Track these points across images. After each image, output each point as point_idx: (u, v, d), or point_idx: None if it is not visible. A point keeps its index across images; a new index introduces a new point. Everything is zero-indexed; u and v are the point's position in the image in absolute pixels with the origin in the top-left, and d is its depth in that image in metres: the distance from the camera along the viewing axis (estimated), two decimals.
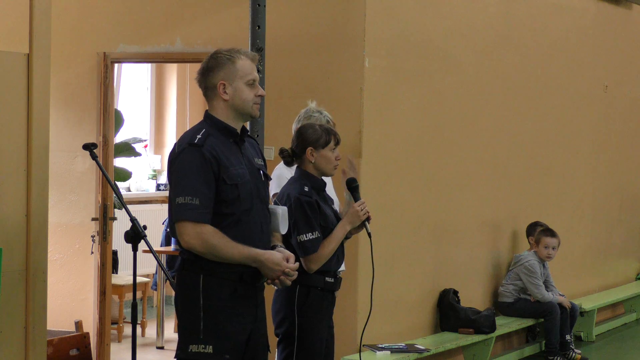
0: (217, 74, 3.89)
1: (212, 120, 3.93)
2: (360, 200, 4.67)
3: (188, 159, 3.81)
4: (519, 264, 8.02)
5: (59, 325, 6.71)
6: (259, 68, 5.35)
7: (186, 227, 3.76)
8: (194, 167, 3.79)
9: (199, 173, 3.78)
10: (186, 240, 3.77)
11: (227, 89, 3.89)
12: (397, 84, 6.85)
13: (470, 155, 7.71)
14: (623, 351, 8.75)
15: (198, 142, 3.82)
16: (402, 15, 6.89)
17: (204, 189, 3.77)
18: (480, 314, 7.28)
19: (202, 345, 3.79)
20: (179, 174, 3.81)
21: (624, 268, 10.55)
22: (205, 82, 3.94)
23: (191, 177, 3.78)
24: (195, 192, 3.76)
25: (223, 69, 3.89)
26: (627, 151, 10.46)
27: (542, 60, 8.70)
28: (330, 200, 4.82)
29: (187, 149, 3.82)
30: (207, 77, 3.92)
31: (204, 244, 3.76)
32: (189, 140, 3.85)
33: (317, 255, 4.54)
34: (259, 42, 5.39)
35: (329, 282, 4.61)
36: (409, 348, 6.53)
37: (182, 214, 3.76)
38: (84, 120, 7.13)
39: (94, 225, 7.01)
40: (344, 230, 4.63)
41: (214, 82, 3.90)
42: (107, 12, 7.18)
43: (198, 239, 3.75)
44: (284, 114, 6.05)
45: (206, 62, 3.95)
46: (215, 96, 3.92)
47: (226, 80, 3.89)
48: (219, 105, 3.92)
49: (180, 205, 3.76)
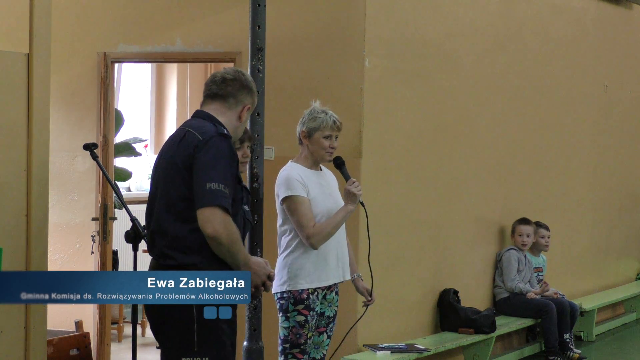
0: (250, 97, 4.01)
1: (217, 122, 3.92)
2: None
3: (222, 146, 3.77)
4: (499, 259, 8.10)
5: (59, 325, 6.70)
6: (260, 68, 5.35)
7: (217, 214, 3.68)
8: (226, 156, 3.76)
9: (230, 164, 3.77)
10: (215, 227, 3.68)
11: (246, 114, 4.01)
12: (397, 84, 6.85)
13: (471, 155, 7.71)
14: (623, 351, 8.74)
15: (228, 134, 3.83)
16: (402, 15, 6.89)
17: (232, 180, 3.76)
18: (481, 314, 7.28)
19: (197, 357, 3.75)
20: (212, 159, 3.75)
21: (624, 268, 10.55)
22: (236, 92, 3.98)
23: (224, 165, 3.75)
24: (226, 181, 3.72)
25: (253, 97, 4.02)
26: (627, 151, 10.46)
27: (542, 60, 8.70)
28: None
29: (218, 137, 3.79)
30: (241, 90, 3.99)
31: (229, 235, 3.70)
32: (217, 130, 3.82)
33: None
34: (259, 42, 5.38)
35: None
36: (409, 348, 6.53)
37: (215, 199, 3.69)
38: (84, 120, 7.13)
39: (94, 225, 7.01)
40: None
41: (244, 101, 3.99)
42: (107, 12, 7.18)
43: (226, 228, 3.69)
44: (284, 114, 6.05)
45: (244, 76, 4.03)
46: (234, 109, 3.98)
47: (251, 107, 4.03)
48: (231, 117, 3.97)
49: (213, 191, 3.69)
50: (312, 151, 4.97)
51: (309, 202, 4.86)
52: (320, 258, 4.90)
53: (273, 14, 5.81)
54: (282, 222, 4.97)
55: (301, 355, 4.87)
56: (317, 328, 4.95)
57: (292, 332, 4.85)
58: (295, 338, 4.85)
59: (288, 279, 4.87)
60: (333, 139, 4.96)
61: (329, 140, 4.95)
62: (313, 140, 4.95)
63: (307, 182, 4.90)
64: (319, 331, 4.96)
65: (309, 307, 4.86)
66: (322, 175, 5.05)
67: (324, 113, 4.99)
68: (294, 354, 4.87)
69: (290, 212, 4.86)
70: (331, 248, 4.93)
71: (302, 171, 4.93)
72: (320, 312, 4.95)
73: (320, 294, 4.92)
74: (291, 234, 4.91)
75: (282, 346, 4.90)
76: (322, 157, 4.97)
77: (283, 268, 4.91)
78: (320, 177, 5.02)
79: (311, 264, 4.88)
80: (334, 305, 5.01)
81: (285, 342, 4.88)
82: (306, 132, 4.96)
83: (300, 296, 4.85)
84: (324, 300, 4.95)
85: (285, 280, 4.88)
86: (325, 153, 4.96)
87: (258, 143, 5.34)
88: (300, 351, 4.86)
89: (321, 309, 4.95)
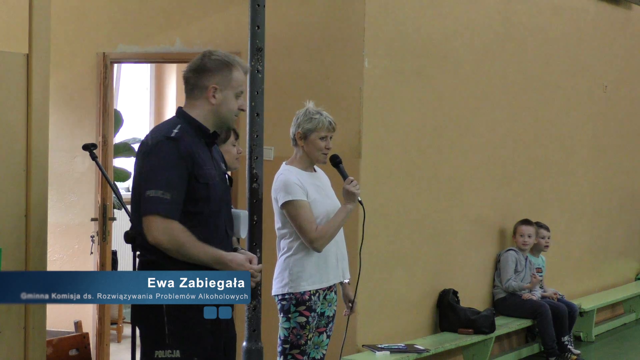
0: (213, 77, 3.85)
1: (186, 118, 3.88)
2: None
3: (164, 151, 3.73)
4: (498, 260, 8.12)
5: (59, 325, 6.70)
6: (259, 69, 5.35)
7: (155, 222, 3.68)
8: (170, 161, 3.72)
9: (174, 168, 3.72)
10: (154, 235, 3.68)
11: (217, 94, 3.86)
12: (396, 84, 6.85)
13: (470, 156, 7.71)
14: (623, 351, 8.74)
15: (175, 137, 3.75)
16: (402, 15, 6.89)
17: (177, 184, 3.71)
18: (480, 314, 7.28)
19: (168, 350, 3.73)
20: (153, 166, 3.73)
21: (623, 268, 10.56)
22: (195, 80, 3.88)
23: (165, 171, 3.71)
24: (168, 186, 3.69)
25: (219, 74, 3.85)
26: (627, 151, 10.46)
27: (542, 60, 8.70)
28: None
29: (163, 141, 3.75)
30: (200, 76, 3.86)
31: (171, 241, 3.69)
32: (165, 133, 3.78)
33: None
34: (258, 42, 5.38)
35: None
36: (409, 348, 6.53)
37: (153, 207, 3.68)
38: (84, 120, 7.13)
39: (93, 225, 7.00)
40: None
41: (207, 84, 3.85)
42: (107, 12, 7.17)
43: (166, 235, 3.68)
44: (284, 114, 6.04)
45: (201, 60, 3.88)
46: (201, 97, 3.87)
47: (219, 85, 3.85)
48: (201, 106, 3.87)
49: (151, 199, 3.69)
50: (308, 152, 4.95)
51: (309, 205, 4.85)
52: (321, 259, 4.90)
53: (272, 14, 5.81)
54: (281, 225, 4.95)
55: (301, 356, 4.87)
56: (317, 328, 4.94)
57: (292, 333, 4.85)
58: (295, 339, 4.84)
59: (290, 281, 4.87)
60: (328, 139, 4.96)
61: (324, 141, 4.94)
62: (309, 141, 4.94)
63: (305, 185, 4.88)
64: (319, 331, 4.96)
65: (311, 308, 4.85)
66: (317, 177, 5.03)
67: (319, 114, 4.97)
68: (293, 354, 4.86)
69: (291, 217, 4.85)
70: (331, 248, 4.92)
71: (299, 174, 4.92)
72: (321, 312, 4.95)
73: (321, 295, 4.92)
74: (292, 236, 4.90)
75: (282, 347, 4.89)
76: (318, 158, 4.96)
77: (284, 270, 4.90)
78: (316, 179, 5.01)
79: (312, 265, 4.87)
80: (333, 304, 5.01)
81: (285, 342, 4.87)
82: (302, 133, 4.94)
83: (302, 297, 4.84)
84: (324, 300, 4.94)
85: (287, 282, 4.87)
86: (320, 154, 4.95)
87: (257, 143, 5.33)
88: (300, 352, 4.86)
89: (321, 309, 4.94)
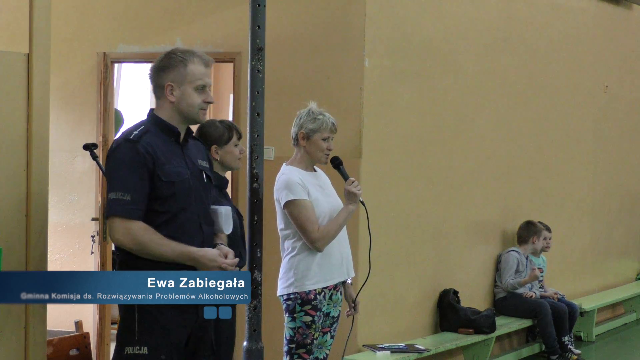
0: (167, 75, 3.87)
1: (153, 119, 3.91)
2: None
3: (122, 154, 3.77)
4: (499, 260, 8.14)
5: (59, 325, 6.70)
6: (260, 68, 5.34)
7: (116, 223, 3.72)
8: (127, 162, 3.75)
9: (132, 169, 3.74)
10: (116, 237, 3.73)
11: (174, 91, 3.87)
12: (397, 84, 6.85)
13: (470, 155, 7.71)
14: (623, 351, 8.75)
15: (134, 138, 3.78)
16: (402, 15, 6.89)
17: (137, 185, 3.74)
18: (480, 314, 7.28)
19: (137, 346, 3.77)
20: (113, 169, 3.79)
21: (623, 268, 10.55)
22: (155, 81, 3.91)
23: (124, 172, 3.74)
24: (127, 187, 3.72)
25: (173, 71, 3.87)
26: (627, 151, 10.46)
27: (542, 60, 8.70)
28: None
29: (122, 144, 3.79)
30: (157, 75, 3.90)
31: (133, 241, 3.71)
32: (125, 135, 3.82)
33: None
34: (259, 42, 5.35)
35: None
36: (409, 348, 6.53)
37: (112, 209, 3.72)
38: (84, 120, 7.13)
39: (93, 225, 7.00)
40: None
41: (162, 83, 3.88)
42: (107, 12, 7.17)
43: (127, 236, 3.71)
44: (284, 114, 6.04)
45: (159, 60, 3.92)
46: (162, 96, 3.90)
47: (174, 82, 3.87)
48: (164, 105, 3.90)
49: (111, 201, 3.73)
50: (310, 152, 4.95)
51: (311, 205, 4.85)
52: (325, 258, 4.90)
53: (273, 14, 5.78)
54: (284, 226, 4.95)
55: (307, 356, 4.87)
56: (321, 328, 4.94)
57: (298, 333, 4.85)
58: (301, 338, 4.84)
59: (295, 281, 4.87)
60: (330, 141, 4.97)
61: (327, 142, 4.95)
62: (311, 141, 4.94)
63: (307, 184, 4.89)
64: (323, 331, 4.96)
65: (316, 307, 4.85)
66: (318, 177, 5.04)
67: (322, 115, 4.98)
68: (300, 354, 4.86)
69: (293, 217, 4.85)
70: (334, 247, 4.92)
71: (300, 174, 4.92)
72: (326, 312, 4.95)
73: (327, 294, 4.92)
74: (295, 236, 4.90)
75: (288, 346, 4.89)
76: (319, 158, 4.97)
77: (289, 270, 4.91)
78: (317, 179, 5.01)
79: (317, 264, 4.87)
80: (338, 305, 5.01)
81: (291, 342, 4.87)
82: (305, 133, 4.94)
83: (307, 297, 4.85)
84: (330, 300, 4.94)
85: (292, 282, 4.88)
86: (322, 155, 4.95)
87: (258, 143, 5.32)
88: (306, 351, 4.86)
89: (327, 309, 4.94)
